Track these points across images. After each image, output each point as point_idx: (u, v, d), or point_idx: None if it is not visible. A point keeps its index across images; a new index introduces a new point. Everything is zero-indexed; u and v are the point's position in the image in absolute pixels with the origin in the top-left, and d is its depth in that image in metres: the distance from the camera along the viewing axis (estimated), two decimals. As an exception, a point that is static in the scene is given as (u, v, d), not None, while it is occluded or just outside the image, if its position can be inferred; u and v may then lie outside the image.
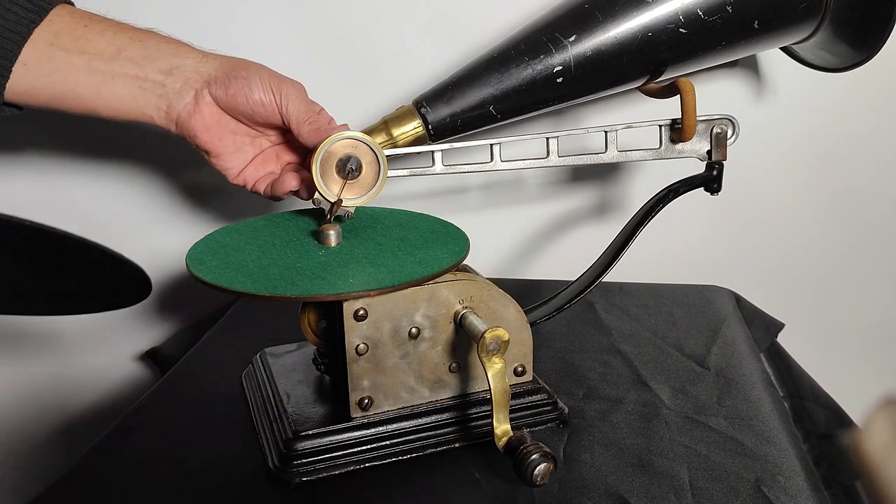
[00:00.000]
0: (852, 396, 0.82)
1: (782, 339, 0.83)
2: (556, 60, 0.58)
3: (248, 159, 0.60)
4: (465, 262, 0.56)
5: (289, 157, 0.62)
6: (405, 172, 0.59)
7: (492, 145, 0.60)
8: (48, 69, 0.52)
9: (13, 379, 0.97)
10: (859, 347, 0.91)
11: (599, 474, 0.51)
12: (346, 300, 0.49)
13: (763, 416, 0.58)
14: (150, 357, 0.93)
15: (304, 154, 0.62)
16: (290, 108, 0.55)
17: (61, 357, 0.97)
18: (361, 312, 0.50)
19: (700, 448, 0.54)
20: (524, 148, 0.63)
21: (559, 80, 0.59)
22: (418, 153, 0.60)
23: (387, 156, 0.58)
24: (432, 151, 0.60)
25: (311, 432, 0.52)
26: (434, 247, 0.56)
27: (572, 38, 0.58)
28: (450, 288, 0.52)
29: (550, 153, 0.60)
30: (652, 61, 0.61)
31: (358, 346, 0.51)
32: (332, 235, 0.56)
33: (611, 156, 0.61)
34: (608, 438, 0.56)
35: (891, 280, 0.88)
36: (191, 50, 0.56)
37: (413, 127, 0.60)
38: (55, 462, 0.98)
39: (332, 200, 0.56)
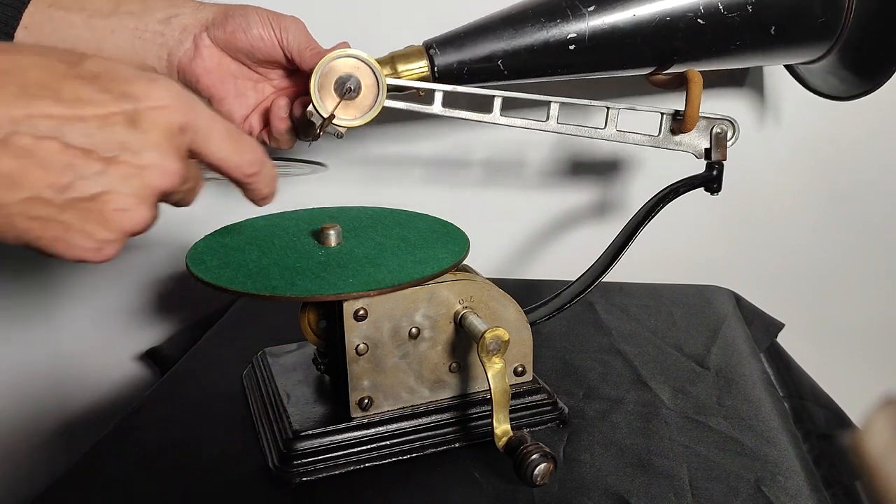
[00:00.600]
0: (852, 396, 0.82)
1: (782, 339, 0.83)
2: (572, 28, 0.58)
3: (251, 105, 0.60)
4: (465, 262, 0.56)
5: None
6: (402, 105, 0.59)
7: (494, 97, 0.59)
8: (48, 29, 0.53)
9: (13, 380, 0.97)
10: (859, 347, 0.91)
11: (599, 474, 0.51)
12: (346, 300, 0.49)
13: (763, 416, 0.58)
14: (150, 357, 0.93)
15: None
16: (290, 39, 0.56)
17: (61, 357, 0.97)
18: (361, 312, 0.50)
19: (700, 448, 0.54)
20: (525, 115, 0.63)
21: (571, 47, 0.58)
22: (419, 91, 0.59)
23: (388, 85, 0.57)
24: (434, 90, 0.59)
25: (311, 432, 0.52)
26: (434, 247, 0.56)
27: (591, 8, 0.58)
28: (450, 288, 0.52)
29: (550, 118, 0.60)
30: (665, 48, 0.60)
31: (358, 346, 0.51)
32: (332, 235, 0.56)
33: (609, 133, 0.61)
34: (608, 438, 0.56)
35: (891, 280, 0.88)
36: (187, 1, 0.57)
37: (419, 66, 0.59)
38: (55, 462, 0.98)
39: (325, 115, 0.56)
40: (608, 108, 0.60)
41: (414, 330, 0.52)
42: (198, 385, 0.65)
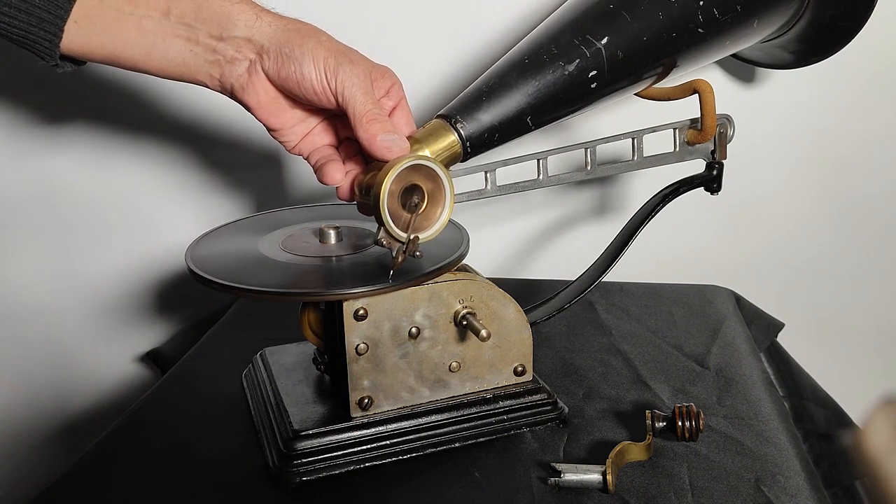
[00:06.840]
0: (852, 396, 0.82)
1: (782, 339, 0.83)
2: (591, 64, 0.54)
3: (306, 131, 0.56)
4: (465, 262, 0.56)
5: (346, 130, 0.57)
6: (462, 198, 0.56)
7: (538, 160, 0.58)
8: (99, 27, 0.51)
9: (13, 379, 0.97)
10: (859, 347, 0.91)
11: (599, 474, 0.51)
12: (346, 300, 0.49)
13: (763, 416, 0.58)
14: (151, 359, 0.93)
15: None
16: (346, 98, 0.51)
17: (61, 358, 0.97)
18: (361, 312, 0.50)
19: (700, 448, 0.54)
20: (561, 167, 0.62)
21: (593, 85, 0.54)
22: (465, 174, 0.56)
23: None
24: (486, 171, 0.57)
25: (311, 432, 0.52)
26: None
27: (605, 41, 0.54)
28: (450, 288, 0.52)
29: (590, 164, 0.60)
30: (668, 63, 0.60)
31: (358, 345, 0.51)
32: (333, 235, 0.56)
33: (639, 161, 0.61)
34: (608, 438, 0.56)
35: (891, 280, 0.88)
36: (244, 8, 0.52)
37: (449, 143, 0.53)
38: (55, 462, 0.98)
39: (404, 239, 0.49)
40: (633, 139, 0.60)
41: (414, 329, 0.52)
42: (198, 385, 0.65)
